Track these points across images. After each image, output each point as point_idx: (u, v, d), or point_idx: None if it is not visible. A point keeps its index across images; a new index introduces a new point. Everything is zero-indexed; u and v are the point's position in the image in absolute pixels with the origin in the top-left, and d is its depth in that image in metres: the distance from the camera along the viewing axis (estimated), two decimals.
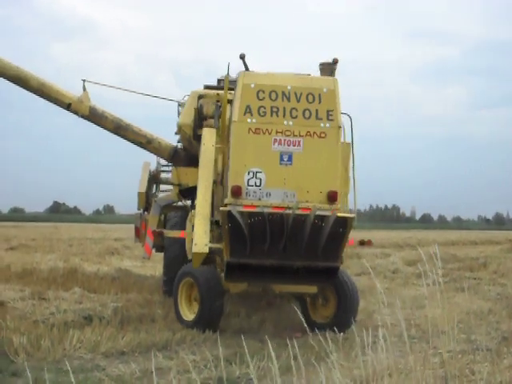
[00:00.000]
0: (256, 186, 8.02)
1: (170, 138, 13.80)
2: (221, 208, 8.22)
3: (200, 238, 8.46)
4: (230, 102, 9.18)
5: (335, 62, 8.61)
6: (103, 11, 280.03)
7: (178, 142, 13.49)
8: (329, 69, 11.47)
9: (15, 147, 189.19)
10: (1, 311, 9.68)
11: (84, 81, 12.21)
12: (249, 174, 8.04)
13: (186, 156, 13.05)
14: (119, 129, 13.08)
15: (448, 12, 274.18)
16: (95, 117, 12.40)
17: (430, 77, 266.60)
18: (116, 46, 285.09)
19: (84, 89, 12.19)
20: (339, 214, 7.98)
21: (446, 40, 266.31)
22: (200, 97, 11.57)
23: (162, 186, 14.17)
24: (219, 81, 12.86)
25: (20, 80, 11.70)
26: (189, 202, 12.99)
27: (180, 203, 13.45)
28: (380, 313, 11.16)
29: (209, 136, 9.35)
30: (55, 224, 60.88)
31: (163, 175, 14.10)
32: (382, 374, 4.82)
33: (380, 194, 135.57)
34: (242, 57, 8.43)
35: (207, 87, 12.39)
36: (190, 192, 12.31)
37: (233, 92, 8.98)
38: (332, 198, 8.07)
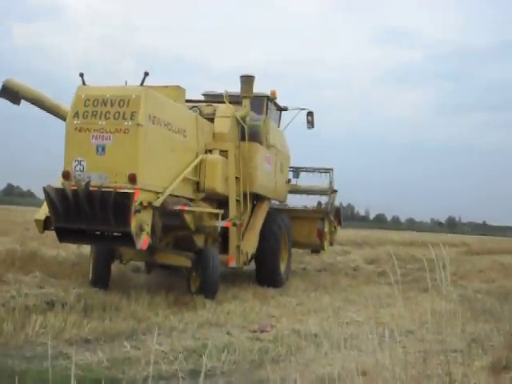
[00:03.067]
0: (80, 171, 10.10)
1: None
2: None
3: (42, 209, 11.70)
4: None
5: (146, 74, 10.20)
6: None
7: None
8: (248, 80, 13.76)
9: None
10: None
11: None
12: (75, 161, 10.12)
13: None
14: None
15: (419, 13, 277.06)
16: None
17: (395, 80, 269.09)
18: (81, 29, 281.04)
19: None
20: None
21: (412, 43, 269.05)
22: None
23: None
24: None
25: (38, 101, 13.39)
26: None
27: None
28: (346, 310, 11.24)
29: None
30: (9, 207, 59.67)
31: None
32: (352, 372, 4.71)
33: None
34: (81, 75, 10.54)
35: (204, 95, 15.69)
36: None
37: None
38: (132, 179, 9.88)
